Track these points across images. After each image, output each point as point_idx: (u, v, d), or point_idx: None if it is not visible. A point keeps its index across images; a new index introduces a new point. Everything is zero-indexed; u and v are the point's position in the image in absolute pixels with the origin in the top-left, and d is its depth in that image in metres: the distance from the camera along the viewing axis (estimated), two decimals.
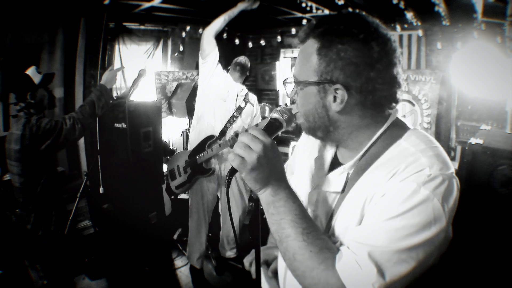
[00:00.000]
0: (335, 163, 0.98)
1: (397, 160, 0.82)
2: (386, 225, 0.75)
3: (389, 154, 0.85)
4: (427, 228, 0.73)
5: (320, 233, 0.82)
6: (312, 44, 0.85)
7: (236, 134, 2.82)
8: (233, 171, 0.85)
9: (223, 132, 2.96)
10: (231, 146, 2.83)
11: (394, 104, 0.88)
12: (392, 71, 0.84)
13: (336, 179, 0.92)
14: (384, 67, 0.82)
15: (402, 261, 0.73)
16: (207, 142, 2.91)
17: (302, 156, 1.12)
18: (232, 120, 3.02)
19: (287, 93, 0.96)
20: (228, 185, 0.86)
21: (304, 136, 1.19)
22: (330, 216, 0.90)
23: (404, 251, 0.73)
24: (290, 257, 0.80)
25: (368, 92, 0.83)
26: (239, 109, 3.05)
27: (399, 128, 0.89)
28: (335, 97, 0.84)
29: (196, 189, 3.00)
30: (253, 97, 3.23)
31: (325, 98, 0.86)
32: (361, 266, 0.73)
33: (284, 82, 0.94)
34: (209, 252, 3.37)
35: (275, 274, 1.13)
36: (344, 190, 0.89)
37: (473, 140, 2.07)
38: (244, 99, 3.10)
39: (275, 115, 0.93)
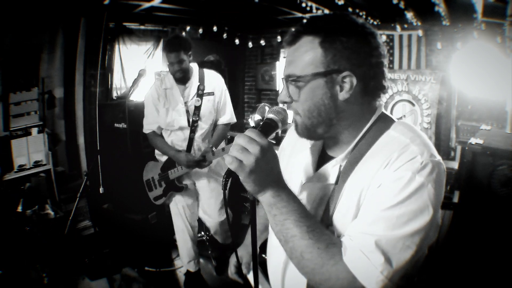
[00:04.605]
0: (324, 157, 1.00)
1: (389, 149, 0.85)
2: (387, 214, 0.77)
3: (379, 143, 0.88)
4: (425, 213, 0.78)
5: (323, 229, 0.84)
6: (311, 40, 0.88)
7: (203, 156, 2.58)
8: (229, 173, 0.84)
9: (190, 145, 2.71)
10: (200, 167, 2.64)
11: (385, 91, 0.94)
12: (384, 60, 0.91)
13: (329, 172, 0.94)
14: (380, 55, 0.89)
15: (406, 247, 0.76)
16: None
17: (289, 152, 1.14)
18: (193, 127, 2.66)
19: (289, 95, 0.92)
20: (225, 187, 0.86)
21: (289, 134, 1.20)
22: (325, 208, 0.92)
23: (407, 237, 0.76)
24: (297, 256, 0.81)
25: (371, 78, 0.89)
26: (197, 110, 2.64)
27: (386, 120, 0.94)
28: (341, 87, 0.88)
29: (174, 202, 2.89)
30: (210, 81, 2.69)
31: (332, 88, 0.88)
32: (368, 256, 0.75)
33: (287, 79, 0.91)
34: (209, 252, 3.37)
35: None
36: (337, 182, 0.91)
37: (473, 140, 2.07)
38: (197, 95, 2.64)
39: (270, 116, 0.94)
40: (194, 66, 2.74)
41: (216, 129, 2.86)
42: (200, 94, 2.64)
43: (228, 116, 2.83)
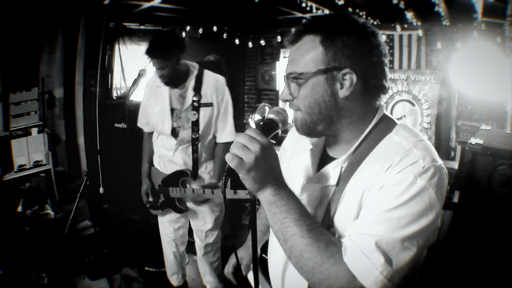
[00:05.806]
0: (326, 158, 1.01)
1: (391, 153, 0.85)
2: (388, 215, 0.78)
3: (382, 147, 0.89)
4: (425, 216, 0.78)
5: (322, 228, 0.84)
6: (312, 39, 0.89)
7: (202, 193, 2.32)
8: (230, 172, 0.85)
9: (195, 167, 2.39)
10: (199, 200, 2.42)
11: (386, 91, 0.94)
12: (385, 59, 0.92)
13: (330, 173, 0.94)
14: (380, 54, 0.90)
15: (405, 248, 0.76)
16: (180, 177, 2.42)
17: (290, 153, 1.14)
18: (194, 147, 2.32)
19: (290, 93, 0.93)
20: (225, 185, 0.87)
21: (290, 134, 1.21)
22: (326, 209, 0.92)
23: (407, 239, 0.77)
24: (297, 255, 0.82)
25: (371, 76, 0.89)
26: (195, 126, 2.28)
27: (388, 123, 0.94)
28: (341, 84, 0.88)
29: (162, 219, 2.69)
30: (208, 88, 2.28)
31: (333, 86, 0.89)
32: (368, 256, 0.76)
33: (289, 76, 0.92)
34: None
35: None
36: (338, 183, 0.91)
37: (473, 140, 2.07)
38: (192, 108, 2.26)
39: (271, 116, 0.95)
40: (193, 68, 2.34)
41: (215, 153, 2.46)
42: (196, 106, 2.25)
43: (228, 133, 2.42)
